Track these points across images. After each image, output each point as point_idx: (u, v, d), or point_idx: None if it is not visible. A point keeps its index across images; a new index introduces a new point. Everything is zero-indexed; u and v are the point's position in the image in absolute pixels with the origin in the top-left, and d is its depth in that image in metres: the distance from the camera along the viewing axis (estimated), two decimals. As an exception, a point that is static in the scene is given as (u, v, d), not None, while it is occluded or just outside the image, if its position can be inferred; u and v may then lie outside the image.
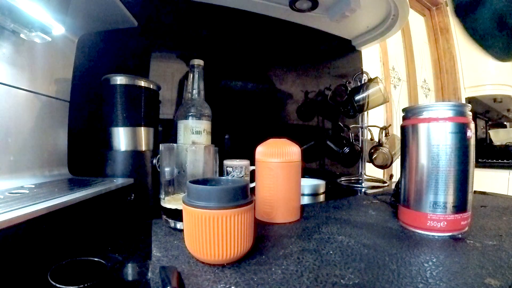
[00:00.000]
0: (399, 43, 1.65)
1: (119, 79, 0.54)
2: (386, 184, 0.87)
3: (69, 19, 0.44)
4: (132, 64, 0.71)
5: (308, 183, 0.74)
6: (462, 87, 1.91)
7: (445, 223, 0.39)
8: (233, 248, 0.30)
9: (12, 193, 0.37)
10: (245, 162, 0.68)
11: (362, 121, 0.94)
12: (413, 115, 0.42)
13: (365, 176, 0.92)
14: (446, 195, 0.39)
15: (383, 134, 0.89)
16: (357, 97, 0.86)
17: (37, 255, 0.30)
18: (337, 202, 0.62)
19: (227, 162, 0.67)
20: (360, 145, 0.93)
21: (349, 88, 0.91)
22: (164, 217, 0.43)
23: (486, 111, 2.31)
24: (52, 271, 0.26)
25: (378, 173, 1.20)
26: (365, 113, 0.92)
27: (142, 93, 0.56)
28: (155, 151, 0.58)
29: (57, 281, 0.24)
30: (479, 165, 1.82)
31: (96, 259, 0.29)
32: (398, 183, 0.47)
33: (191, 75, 0.67)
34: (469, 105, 0.40)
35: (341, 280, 0.27)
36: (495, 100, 2.03)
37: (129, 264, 0.31)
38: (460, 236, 0.39)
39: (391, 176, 1.35)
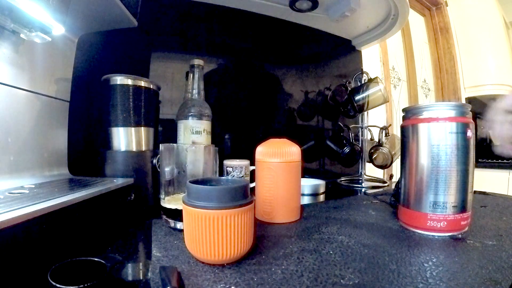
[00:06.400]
0: (399, 43, 1.65)
1: (119, 79, 0.54)
2: (386, 184, 0.87)
3: (69, 19, 0.44)
4: (132, 64, 0.71)
5: (308, 183, 0.74)
6: (462, 87, 1.91)
7: (445, 223, 0.39)
8: (233, 248, 0.30)
9: (12, 193, 0.37)
10: (245, 162, 0.68)
11: (362, 121, 0.94)
12: (413, 115, 0.42)
13: (365, 176, 0.92)
14: (446, 195, 0.39)
15: (383, 134, 0.89)
16: (357, 97, 0.86)
17: (37, 255, 0.30)
18: (337, 202, 0.62)
19: (227, 162, 0.67)
20: (360, 145, 0.93)
21: (349, 88, 0.91)
22: (164, 217, 0.43)
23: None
24: (52, 271, 0.26)
25: (378, 173, 1.20)
26: (365, 113, 0.92)
27: (142, 93, 0.56)
28: (155, 151, 0.58)
29: (57, 281, 0.24)
30: (479, 165, 1.81)
31: (96, 259, 0.29)
32: (398, 183, 0.47)
33: (191, 75, 0.67)
34: (469, 105, 0.40)
35: (341, 280, 0.27)
36: (495, 100, 2.02)
37: (129, 264, 0.31)
38: (460, 236, 0.39)
39: (391, 176, 1.35)
